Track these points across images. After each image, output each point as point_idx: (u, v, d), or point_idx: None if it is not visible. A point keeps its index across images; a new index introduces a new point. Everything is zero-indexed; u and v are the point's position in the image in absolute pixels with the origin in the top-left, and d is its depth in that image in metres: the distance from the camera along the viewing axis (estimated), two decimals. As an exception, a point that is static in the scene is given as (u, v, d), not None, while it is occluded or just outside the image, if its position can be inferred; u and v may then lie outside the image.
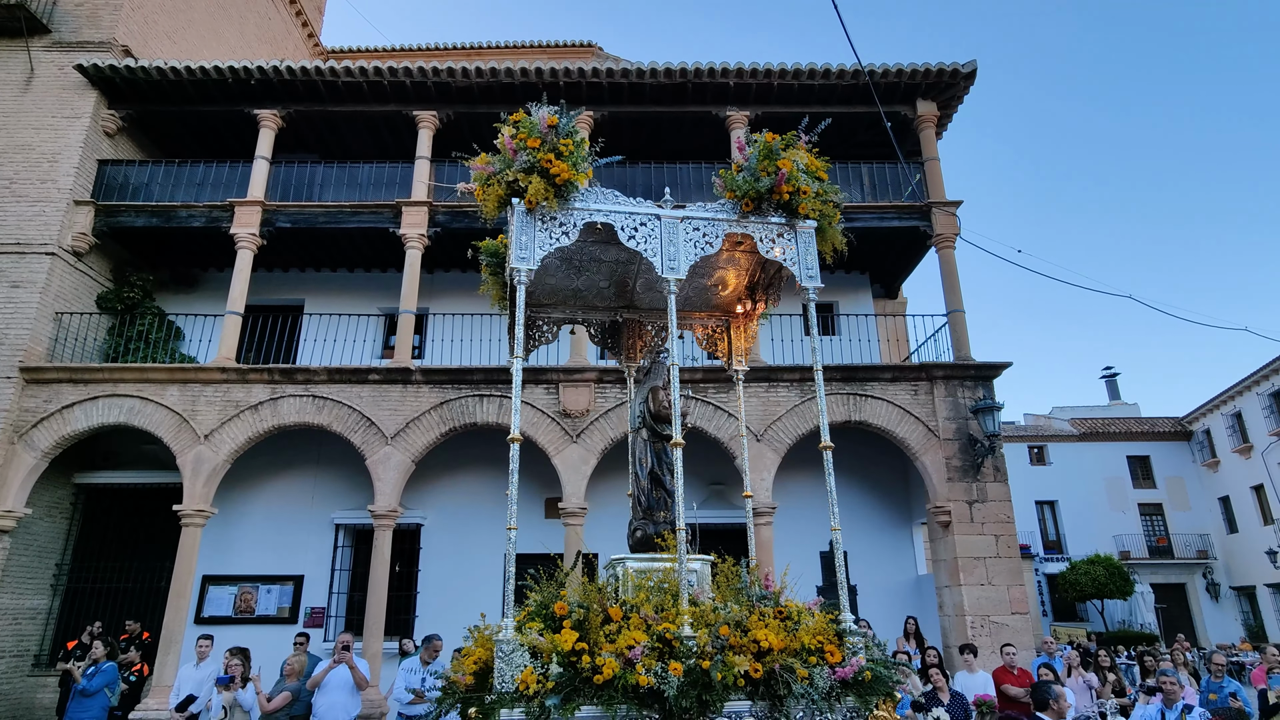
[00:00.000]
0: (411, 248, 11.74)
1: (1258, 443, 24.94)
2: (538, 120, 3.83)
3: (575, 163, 3.79)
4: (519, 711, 2.88)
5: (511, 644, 3.04)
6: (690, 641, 3.13)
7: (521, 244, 3.71)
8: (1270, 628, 24.69)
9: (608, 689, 2.91)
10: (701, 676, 3.02)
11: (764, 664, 3.11)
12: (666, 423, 4.40)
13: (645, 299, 5.09)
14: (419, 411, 10.96)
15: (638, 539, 4.34)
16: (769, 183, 3.94)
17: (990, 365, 11.26)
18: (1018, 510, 11.89)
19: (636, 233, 3.90)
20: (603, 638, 3.10)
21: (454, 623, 10.79)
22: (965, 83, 12.50)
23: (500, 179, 3.78)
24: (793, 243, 4.08)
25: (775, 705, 3.09)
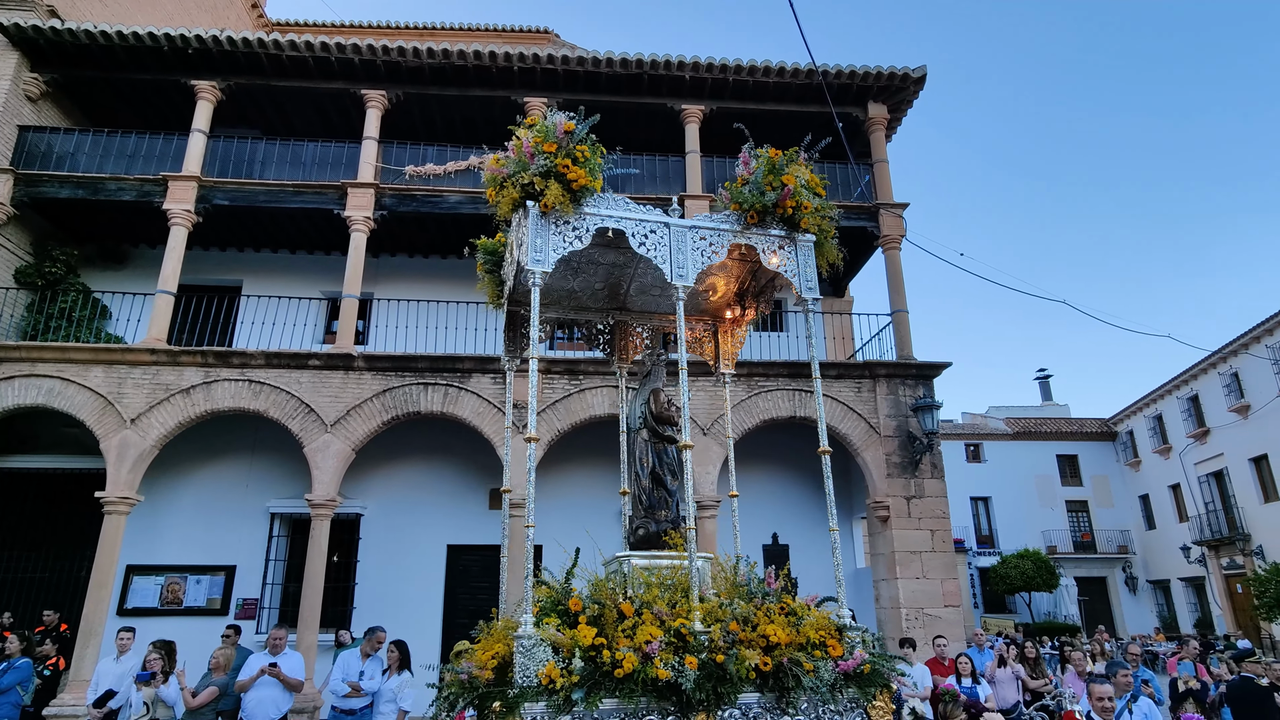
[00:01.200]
0: (357, 230, 11.43)
1: (1176, 444, 26.24)
2: (553, 125, 3.87)
3: (591, 169, 3.85)
4: (542, 705, 2.96)
5: (533, 639, 3.09)
6: (703, 636, 3.25)
7: (537, 247, 3.75)
8: (1182, 619, 26.09)
9: (628, 682, 3.01)
10: (716, 670, 3.15)
11: (773, 657, 3.26)
12: (668, 424, 4.55)
13: (638, 301, 5.21)
14: (361, 399, 10.70)
15: (639, 537, 4.42)
16: (774, 197, 4.10)
17: (931, 365, 11.55)
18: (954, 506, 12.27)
19: (647, 240, 3.99)
20: (620, 633, 3.18)
21: (393, 615, 10.70)
22: (915, 87, 12.76)
23: (515, 181, 3.82)
24: (792, 255, 4.24)
25: (782, 696, 3.25)
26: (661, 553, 4.18)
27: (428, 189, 11.81)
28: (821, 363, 12.11)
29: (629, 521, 4.63)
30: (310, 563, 9.99)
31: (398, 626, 9.57)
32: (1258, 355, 21.49)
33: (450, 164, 12.09)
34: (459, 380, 10.90)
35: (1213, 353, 22.89)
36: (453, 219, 12.15)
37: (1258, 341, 21.57)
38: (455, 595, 11.79)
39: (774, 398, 11.28)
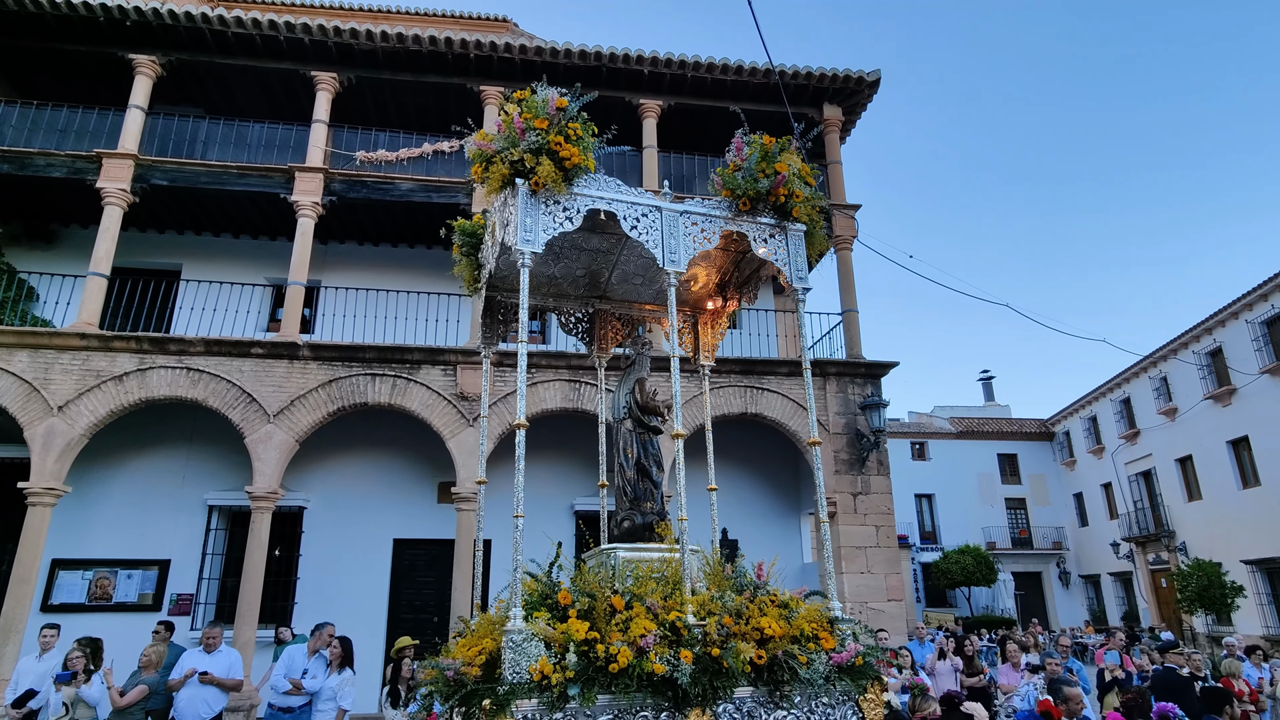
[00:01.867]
0: (304, 216, 11.11)
1: (1109, 445, 27.33)
2: (545, 100, 3.69)
3: (584, 148, 3.71)
4: (535, 701, 2.86)
5: (524, 634, 2.98)
6: (697, 630, 3.21)
7: (526, 226, 3.59)
8: (1111, 612, 27.22)
9: (623, 677, 2.95)
10: (711, 664, 3.11)
11: (767, 650, 3.23)
12: (653, 414, 4.50)
13: (619, 290, 5.10)
14: (306, 389, 10.41)
15: (625, 529, 4.34)
16: (767, 184, 4.02)
17: (879, 364, 11.78)
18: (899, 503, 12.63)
19: (639, 223, 3.85)
20: (613, 627, 3.11)
21: (336, 610, 10.47)
22: (870, 90, 12.97)
23: (505, 158, 3.63)
24: (783, 244, 4.16)
25: (776, 690, 3.22)
26: (648, 545, 4.12)
27: (379, 175, 11.55)
28: (773, 360, 12.29)
29: (612, 514, 4.55)
30: (250, 556, 9.70)
31: (341, 622, 9.35)
32: (1185, 360, 22.50)
33: (403, 151, 11.86)
34: (408, 371, 10.70)
35: (1144, 357, 23.87)
36: (404, 207, 11.92)
37: (1185, 347, 22.57)
38: (400, 590, 11.60)
39: (726, 394, 11.36)
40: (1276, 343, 19.18)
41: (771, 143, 4.13)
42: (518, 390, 3.64)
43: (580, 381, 11.01)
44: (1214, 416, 21.46)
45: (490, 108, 12.05)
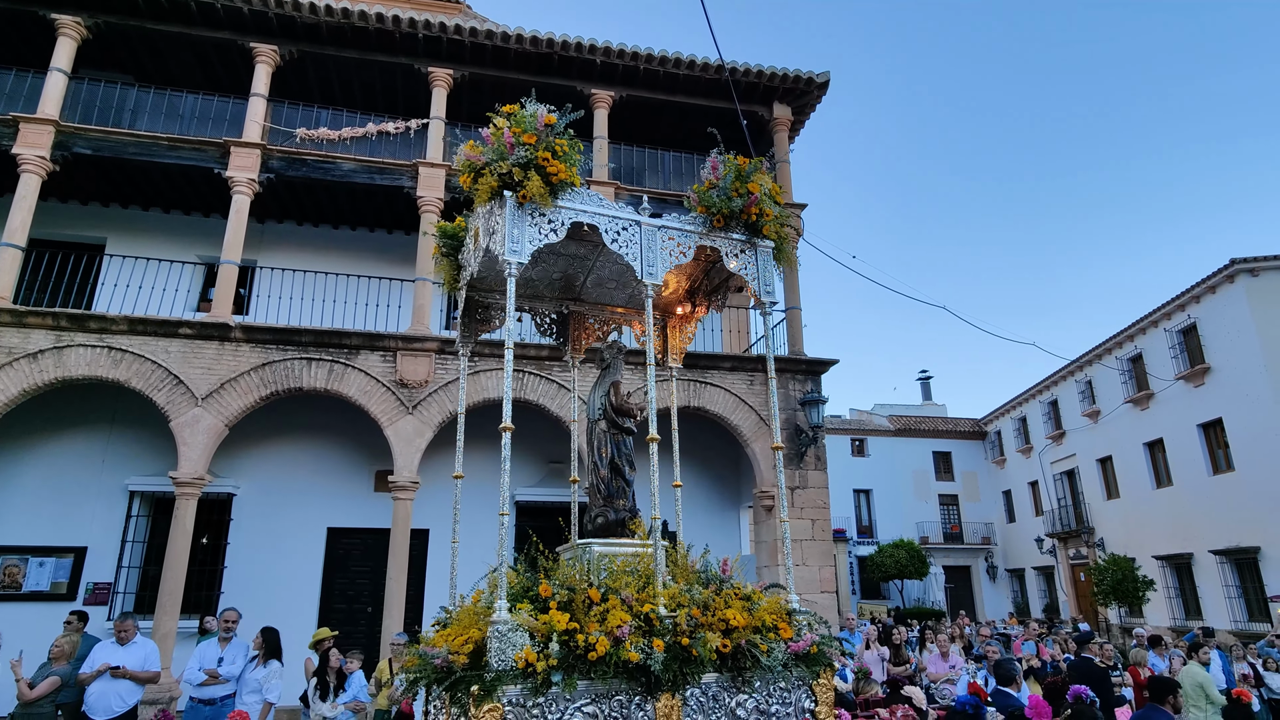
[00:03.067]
0: (239, 192, 10.71)
1: (1037, 444, 28.47)
2: (533, 116, 3.83)
3: (570, 164, 3.87)
4: (519, 687, 3.04)
5: (509, 624, 3.16)
6: (668, 621, 3.42)
7: (514, 238, 3.74)
8: (1034, 604, 28.42)
9: (601, 664, 3.14)
10: (681, 652, 3.32)
11: (732, 640, 3.46)
12: (627, 416, 4.73)
13: (593, 294, 5.26)
14: (237, 372, 10.07)
15: (598, 525, 4.53)
16: (740, 203, 4.26)
17: (820, 361, 12.01)
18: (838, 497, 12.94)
19: (619, 236, 4.04)
20: (591, 618, 3.29)
21: (266, 600, 10.20)
22: (819, 91, 13.17)
23: (494, 170, 3.76)
24: (753, 259, 4.41)
25: (738, 675, 3.47)
26: (621, 540, 4.30)
27: (320, 154, 11.21)
28: (716, 355, 12.38)
29: (584, 509, 4.75)
30: (172, 544, 9.34)
31: (271, 612, 9.13)
32: (1109, 366, 23.58)
33: (346, 130, 11.54)
34: (346, 356, 10.45)
35: (1071, 362, 24.93)
36: (346, 188, 11.60)
37: (1109, 353, 23.65)
38: (334, 580, 11.35)
39: (665, 389, 11.39)
40: (1191, 351, 20.25)
41: (745, 163, 4.39)
42: (504, 394, 3.71)
43: (524, 372, 10.92)
44: (1133, 420, 22.56)
45: (438, 90, 11.81)
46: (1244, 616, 18.18)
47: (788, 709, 3.55)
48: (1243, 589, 18.53)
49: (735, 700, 3.44)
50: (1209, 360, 19.38)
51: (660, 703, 3.24)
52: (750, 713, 3.44)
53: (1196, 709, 7.01)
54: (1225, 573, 18.86)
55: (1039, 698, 4.50)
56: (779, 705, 3.54)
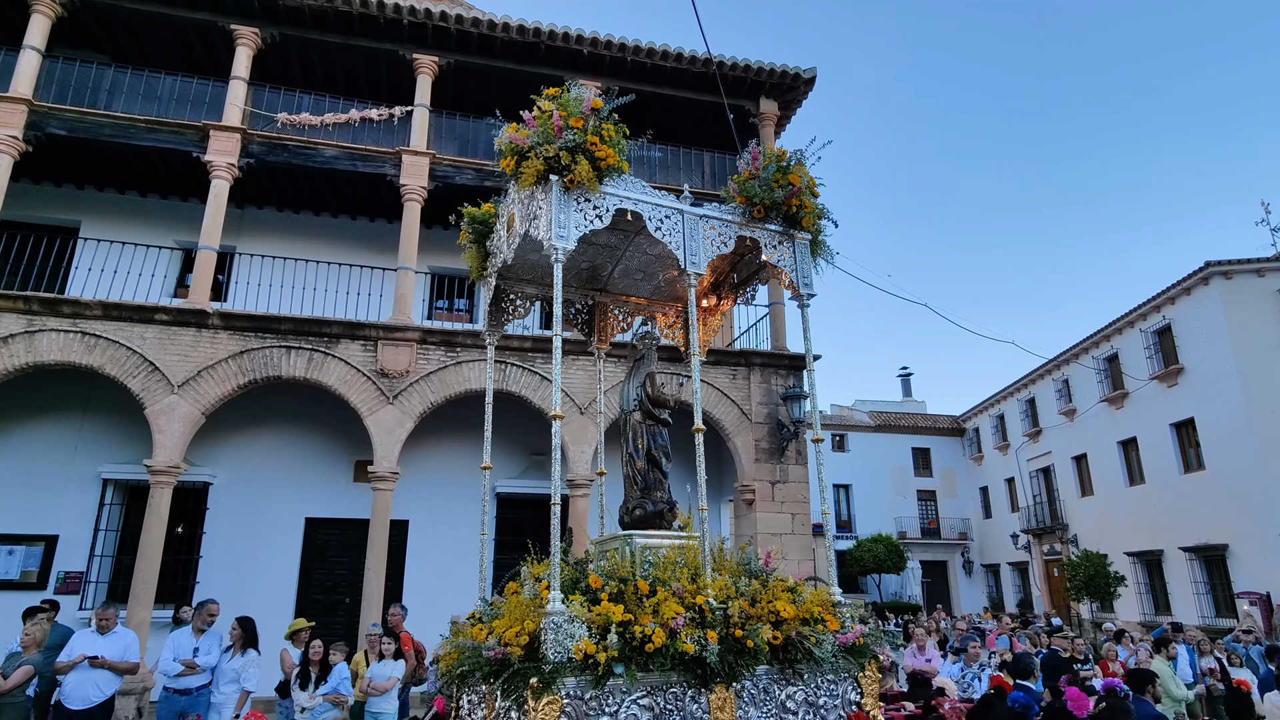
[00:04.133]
0: (218, 177, 10.55)
1: (1014, 442, 28.83)
2: (578, 100, 3.78)
3: (619, 149, 3.82)
4: (577, 680, 2.99)
5: (565, 615, 3.12)
6: (719, 612, 3.40)
7: (560, 223, 3.66)
8: (1008, 599, 28.84)
9: (658, 656, 3.11)
10: (735, 644, 3.31)
11: (782, 631, 3.45)
12: (664, 407, 4.71)
13: (620, 284, 5.20)
14: (215, 359, 9.94)
15: (636, 517, 4.48)
16: (782, 194, 4.23)
17: (802, 356, 12.02)
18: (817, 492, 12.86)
19: (663, 224, 3.98)
20: (645, 610, 3.26)
21: (242, 590, 10.10)
22: (805, 86, 13.18)
23: (540, 153, 3.67)
24: (790, 251, 4.37)
25: (787, 667, 3.46)
26: (662, 532, 4.26)
27: (301, 140, 11.06)
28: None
29: (624, 502, 4.70)
30: (147, 533, 9.22)
31: (248, 602, 9.04)
32: (1085, 365, 23.90)
33: (329, 115, 11.38)
34: (326, 345, 10.34)
35: (1048, 361, 25.24)
36: (327, 174, 11.47)
37: (1086, 353, 23.98)
38: (312, 570, 11.27)
39: (652, 380, 11.41)
40: (1166, 352, 20.57)
41: (785, 154, 4.35)
42: (554, 382, 3.71)
43: (507, 363, 10.86)
44: (1108, 418, 22.90)
45: (423, 77, 11.69)
46: (1212, 612, 18.56)
47: (835, 700, 3.56)
48: (1211, 585, 18.91)
49: (785, 693, 3.44)
50: (1182, 361, 19.70)
51: (714, 695, 3.21)
52: (800, 705, 3.45)
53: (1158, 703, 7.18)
54: (1194, 569, 19.23)
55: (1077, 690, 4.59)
56: (826, 697, 3.54)
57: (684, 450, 12.78)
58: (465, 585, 11.29)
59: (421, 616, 10.73)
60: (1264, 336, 17.92)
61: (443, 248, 13.23)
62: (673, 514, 4.52)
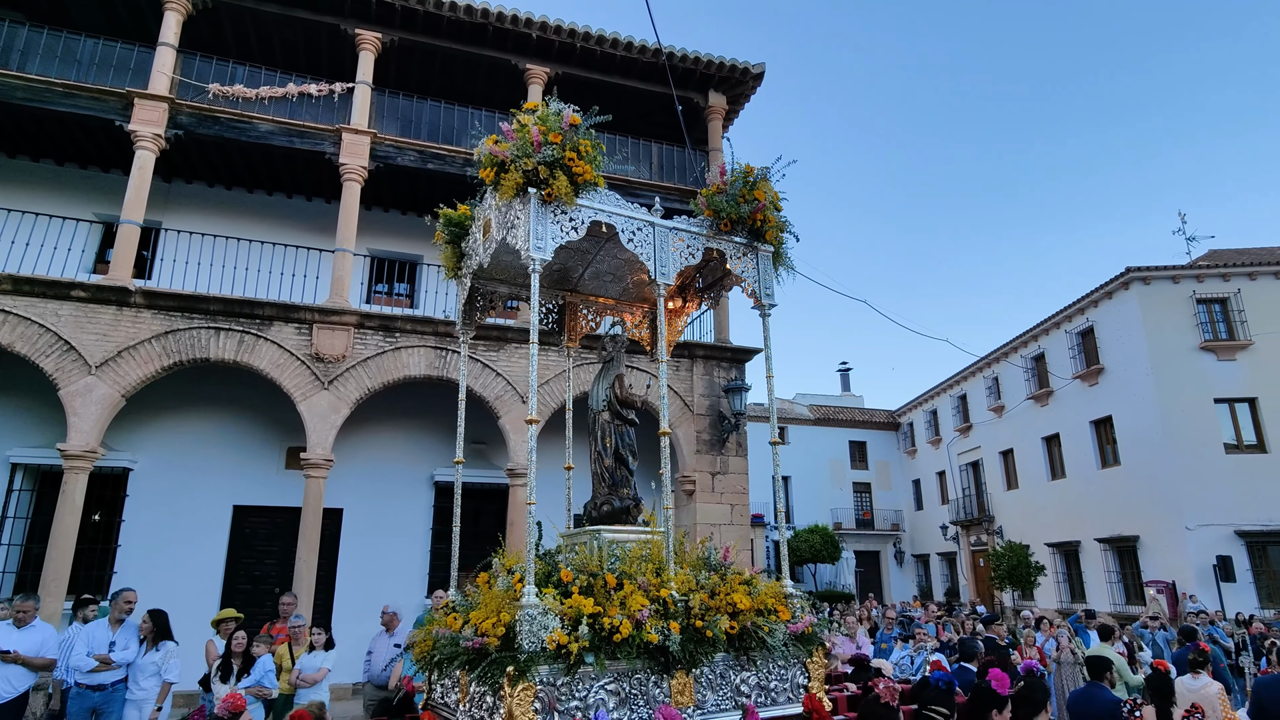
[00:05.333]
0: (144, 148, 10.04)
1: (946, 436, 29.84)
2: (557, 115, 3.90)
3: (595, 165, 3.96)
4: (550, 667, 3.19)
5: (539, 608, 3.30)
6: (681, 604, 3.63)
7: (538, 234, 3.81)
8: (937, 588, 29.89)
9: (625, 645, 3.32)
10: (696, 634, 3.55)
11: (738, 621, 3.69)
12: (631, 407, 4.92)
13: (589, 286, 5.40)
14: (137, 339, 9.48)
15: (604, 512, 4.67)
16: (748, 209, 4.44)
17: (744, 349, 12.20)
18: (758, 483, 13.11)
19: (635, 236, 4.15)
20: (615, 602, 3.46)
21: (165, 580, 9.73)
22: (754, 82, 13.29)
23: (519, 166, 3.79)
24: (754, 263, 4.60)
25: (742, 654, 3.73)
26: (628, 528, 4.47)
27: (235, 113, 10.61)
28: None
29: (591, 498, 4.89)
30: (60, 521, 8.76)
31: (170, 593, 8.72)
32: (1014, 364, 24.87)
33: (264, 89, 10.95)
34: (258, 327, 9.98)
35: (980, 359, 26.16)
36: (262, 150, 11.04)
37: (1015, 352, 24.94)
38: (239, 560, 10.90)
39: (593, 371, 11.38)
40: (1088, 352, 21.55)
41: (752, 170, 4.58)
42: (530, 385, 3.82)
43: (447, 349, 10.68)
44: (1034, 415, 23.89)
45: (365, 54, 11.35)
46: (1122, 600, 19.61)
47: (785, 684, 3.86)
48: (1122, 574, 19.97)
49: (740, 677, 3.72)
50: (1103, 361, 20.68)
51: (675, 680, 3.47)
52: (753, 689, 3.74)
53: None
54: (1108, 559, 20.27)
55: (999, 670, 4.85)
56: (777, 681, 3.85)
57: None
58: (401, 575, 11.17)
59: (355, 606, 10.54)
60: (1177, 340, 18.95)
61: (383, 230, 12.92)
62: (638, 510, 4.71)
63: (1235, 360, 18.67)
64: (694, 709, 3.50)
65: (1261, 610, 15.98)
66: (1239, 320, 18.90)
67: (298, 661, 6.75)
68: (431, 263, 12.58)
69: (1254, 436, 18.39)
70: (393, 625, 7.46)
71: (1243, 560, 17.21)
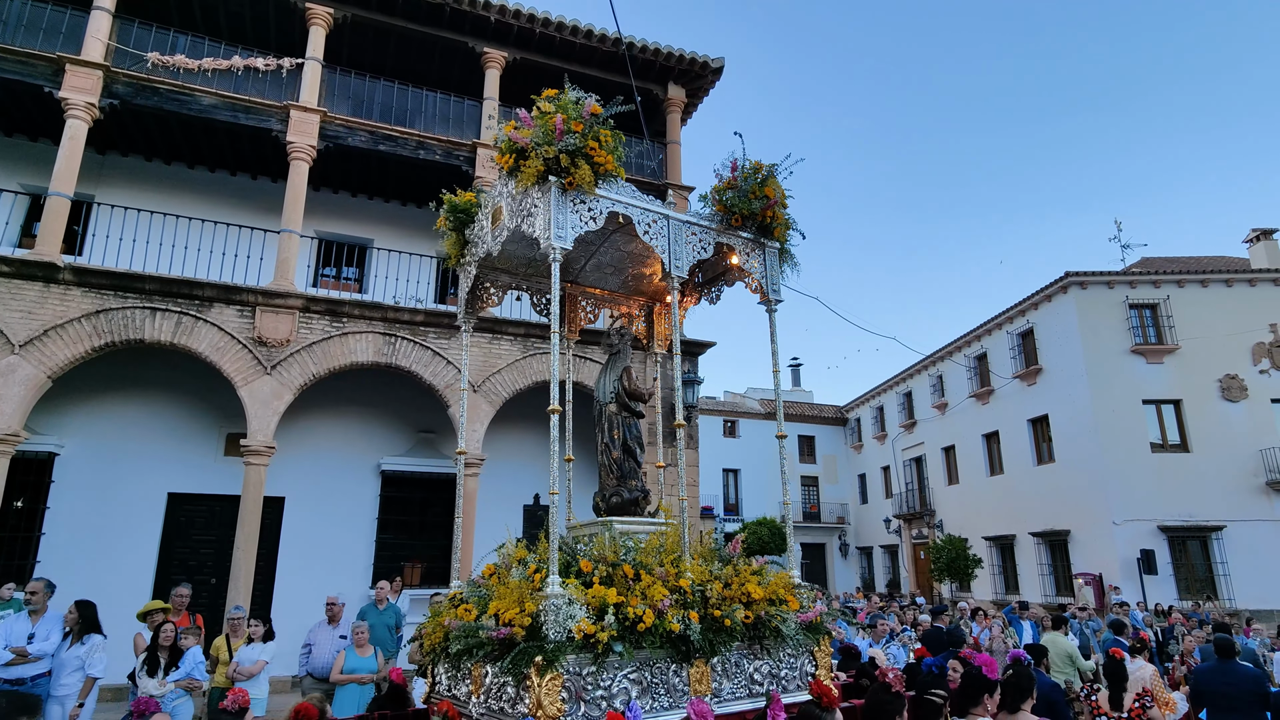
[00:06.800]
0: (75, 117, 9.55)
1: (891, 432, 30.56)
2: (578, 104, 3.87)
3: (616, 155, 3.95)
4: (576, 657, 3.22)
5: (565, 597, 3.31)
6: (698, 594, 3.70)
7: (559, 223, 3.78)
8: (879, 579, 30.67)
9: (649, 634, 3.38)
10: (714, 623, 3.63)
11: (752, 611, 3.79)
12: (640, 400, 4.98)
13: (590, 277, 5.36)
14: (66, 318, 9.04)
15: (613, 504, 4.71)
16: (759, 205, 4.46)
17: (697, 343, 12.26)
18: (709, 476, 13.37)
19: (650, 228, 4.15)
20: (636, 593, 3.51)
21: (93, 570, 9.36)
22: (713, 76, 13.32)
23: (540, 154, 3.74)
24: (761, 259, 4.63)
25: (756, 643, 3.84)
26: (639, 519, 4.54)
27: (176, 84, 10.17)
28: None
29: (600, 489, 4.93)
30: (-23, 508, 8.32)
31: (99, 583, 8.39)
32: (958, 363, 25.59)
33: (208, 60, 10.52)
34: (197, 309, 9.61)
35: (925, 357, 26.83)
36: (204, 124, 10.62)
37: (959, 351, 25.65)
38: (173, 549, 10.53)
39: (549, 360, 11.29)
40: (1028, 353, 22.31)
41: (761, 166, 4.60)
42: (552, 376, 3.79)
43: (396, 336, 10.46)
44: (975, 413, 24.64)
45: (316, 29, 11.00)
46: (1053, 591, 20.42)
47: (794, 672, 4.00)
48: (1054, 567, 20.79)
49: (753, 666, 3.86)
50: (1042, 362, 21.42)
51: (694, 669, 3.58)
52: (765, 677, 3.88)
53: (1059, 672, 7.96)
54: (1041, 552, 21.07)
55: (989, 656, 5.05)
56: (787, 669, 3.99)
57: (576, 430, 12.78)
58: (345, 565, 10.93)
59: (296, 597, 10.28)
60: (1111, 343, 19.75)
61: (332, 211, 12.57)
62: (646, 500, 4.78)
63: (1163, 363, 19.55)
64: (711, 697, 3.61)
65: (1180, 601, 16.82)
66: (1168, 325, 19.78)
67: (236, 654, 6.56)
68: (382, 247, 12.30)
69: (1178, 436, 19.30)
70: (339, 616, 7.31)
71: (1164, 554, 18.08)
